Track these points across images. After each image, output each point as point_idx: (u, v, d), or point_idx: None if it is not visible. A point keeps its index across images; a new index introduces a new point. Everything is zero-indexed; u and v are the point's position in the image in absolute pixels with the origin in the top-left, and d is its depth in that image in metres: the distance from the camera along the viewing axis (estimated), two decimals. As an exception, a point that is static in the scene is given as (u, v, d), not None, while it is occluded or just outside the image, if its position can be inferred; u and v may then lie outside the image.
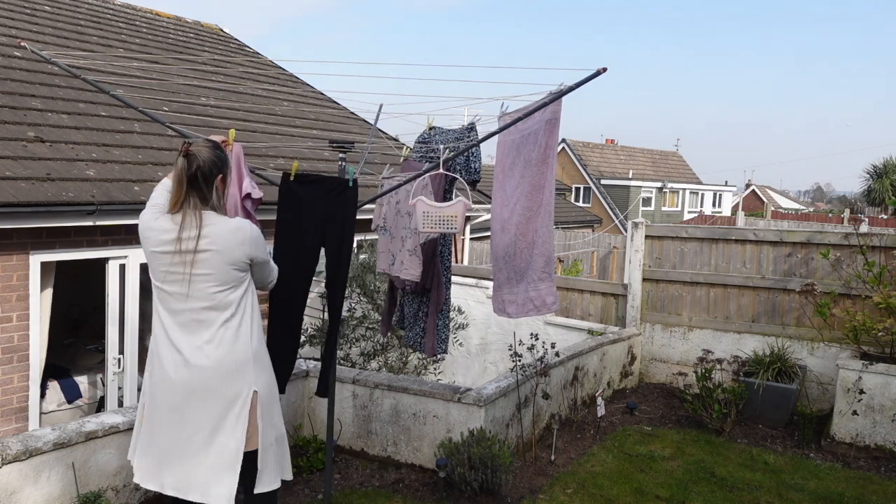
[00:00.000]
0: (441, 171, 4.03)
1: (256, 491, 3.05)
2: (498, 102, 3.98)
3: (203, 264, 2.88)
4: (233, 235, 2.92)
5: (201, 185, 2.91)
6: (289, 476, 3.26)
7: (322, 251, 3.84)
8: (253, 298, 3.08)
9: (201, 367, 2.91)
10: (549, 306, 4.13)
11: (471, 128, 4.45)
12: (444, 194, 4.41)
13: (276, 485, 3.13)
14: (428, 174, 4.15)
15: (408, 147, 5.05)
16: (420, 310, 4.89)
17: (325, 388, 4.03)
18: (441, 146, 4.22)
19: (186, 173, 2.89)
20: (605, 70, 3.31)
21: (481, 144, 4.28)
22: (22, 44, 4.47)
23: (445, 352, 4.85)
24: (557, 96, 3.62)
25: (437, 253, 4.64)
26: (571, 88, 3.53)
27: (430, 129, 4.72)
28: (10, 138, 5.84)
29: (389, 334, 7.11)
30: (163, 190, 3.06)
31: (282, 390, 3.50)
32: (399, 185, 4.41)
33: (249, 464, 3.01)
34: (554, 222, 4.01)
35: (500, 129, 3.97)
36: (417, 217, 3.90)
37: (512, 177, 4.02)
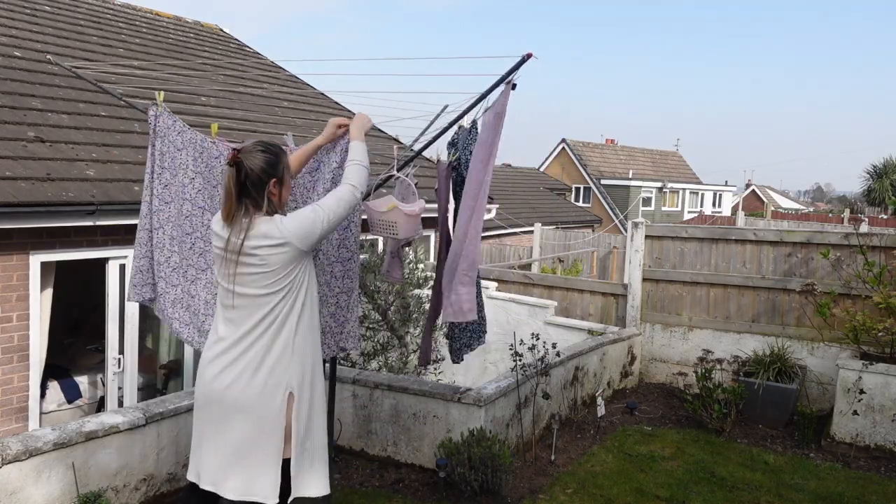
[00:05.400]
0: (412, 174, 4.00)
1: None
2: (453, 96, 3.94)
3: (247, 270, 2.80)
4: (271, 243, 2.78)
5: (251, 192, 2.78)
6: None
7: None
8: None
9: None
10: (465, 314, 3.86)
11: (472, 126, 4.42)
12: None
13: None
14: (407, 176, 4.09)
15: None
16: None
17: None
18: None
19: (235, 183, 2.77)
20: (530, 55, 3.31)
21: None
22: (48, 57, 4.48)
23: (481, 343, 4.63)
24: (491, 89, 3.59)
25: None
26: (503, 78, 3.49)
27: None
28: (10, 138, 5.84)
29: (390, 336, 7.10)
30: None
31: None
32: (378, 186, 4.35)
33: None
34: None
35: (442, 130, 3.97)
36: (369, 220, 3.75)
37: (470, 173, 3.88)
